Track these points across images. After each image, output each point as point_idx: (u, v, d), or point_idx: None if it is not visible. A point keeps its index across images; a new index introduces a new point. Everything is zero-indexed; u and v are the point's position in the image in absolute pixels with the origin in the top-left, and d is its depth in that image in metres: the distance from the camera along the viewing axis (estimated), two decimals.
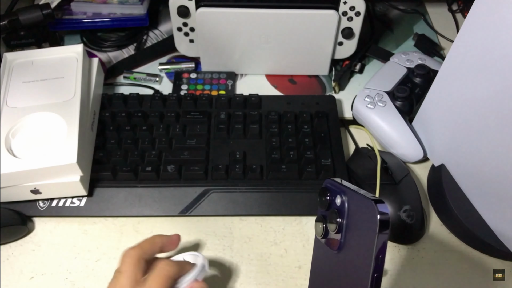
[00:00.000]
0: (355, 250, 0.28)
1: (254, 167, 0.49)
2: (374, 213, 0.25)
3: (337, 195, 0.29)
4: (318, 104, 0.56)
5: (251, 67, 0.61)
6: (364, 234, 0.27)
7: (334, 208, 0.30)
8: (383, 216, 0.25)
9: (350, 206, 0.28)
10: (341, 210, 0.29)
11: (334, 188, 0.30)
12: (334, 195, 0.30)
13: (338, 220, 0.29)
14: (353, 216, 0.28)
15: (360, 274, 0.27)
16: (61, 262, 0.45)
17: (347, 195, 0.29)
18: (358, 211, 0.28)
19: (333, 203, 0.30)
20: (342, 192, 0.29)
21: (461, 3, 0.72)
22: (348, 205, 0.28)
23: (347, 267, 0.29)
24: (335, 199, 0.30)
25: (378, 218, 0.25)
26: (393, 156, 0.52)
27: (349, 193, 0.28)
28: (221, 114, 0.53)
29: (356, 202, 0.28)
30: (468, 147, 0.45)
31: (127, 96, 0.55)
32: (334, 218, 0.29)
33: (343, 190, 0.29)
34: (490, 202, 0.44)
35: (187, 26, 0.57)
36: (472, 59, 0.41)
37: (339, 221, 0.29)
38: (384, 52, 0.64)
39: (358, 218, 0.28)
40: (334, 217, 0.29)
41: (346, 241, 0.29)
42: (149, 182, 0.49)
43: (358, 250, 0.27)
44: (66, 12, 0.64)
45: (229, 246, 0.46)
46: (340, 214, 0.29)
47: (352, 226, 0.28)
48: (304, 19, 0.54)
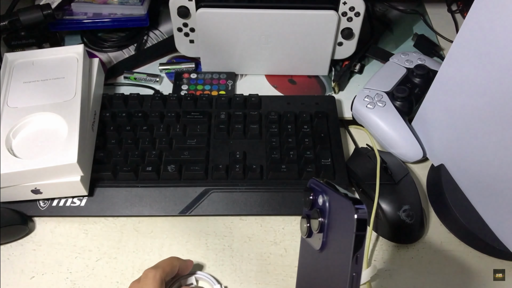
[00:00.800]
0: (336, 249, 0.29)
1: (254, 167, 0.49)
2: (351, 213, 0.26)
3: (319, 194, 0.30)
4: (318, 104, 0.56)
5: (251, 67, 0.61)
6: (343, 234, 0.27)
7: (316, 208, 0.30)
8: (360, 215, 0.25)
9: (331, 205, 0.29)
10: (323, 209, 0.30)
11: (317, 188, 0.31)
12: (316, 194, 0.31)
13: (320, 219, 0.30)
14: (333, 215, 0.29)
15: (340, 273, 0.28)
16: (61, 261, 0.45)
17: (328, 195, 0.29)
18: (338, 211, 0.28)
19: (316, 202, 0.31)
20: (323, 192, 0.30)
21: (460, 4, 0.72)
22: (329, 204, 0.29)
23: (329, 266, 0.30)
24: (317, 199, 0.30)
25: (355, 218, 0.25)
26: (393, 156, 0.52)
27: (329, 193, 0.29)
28: (221, 114, 0.53)
29: (336, 202, 0.29)
30: (468, 147, 0.45)
31: (128, 96, 0.55)
32: (316, 218, 0.30)
33: (325, 190, 0.30)
34: (489, 202, 0.44)
35: (187, 27, 0.57)
36: (471, 60, 0.41)
37: (321, 221, 0.30)
38: (383, 53, 0.64)
39: (338, 217, 0.28)
40: (316, 217, 0.30)
41: (328, 241, 0.29)
42: (150, 182, 0.49)
43: (338, 250, 0.28)
44: (66, 13, 0.64)
45: (229, 245, 0.46)
46: (322, 214, 0.30)
47: (333, 226, 0.29)
48: (304, 20, 0.54)
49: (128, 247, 0.46)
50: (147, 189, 0.48)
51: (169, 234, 0.47)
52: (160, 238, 0.47)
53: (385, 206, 0.46)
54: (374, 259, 0.46)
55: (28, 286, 0.43)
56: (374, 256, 0.46)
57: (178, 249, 0.46)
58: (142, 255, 0.45)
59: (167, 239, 0.47)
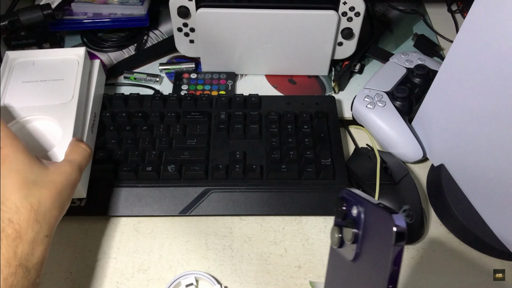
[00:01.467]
0: (371, 260, 0.28)
1: (254, 167, 0.49)
2: (390, 225, 0.25)
3: (353, 205, 0.30)
4: (318, 104, 0.56)
5: (251, 67, 0.61)
6: (380, 245, 0.27)
7: (350, 218, 0.30)
8: (399, 228, 0.25)
9: (366, 217, 0.29)
10: (357, 220, 0.29)
11: (351, 198, 0.30)
12: (350, 205, 0.30)
13: (354, 230, 0.29)
14: (369, 227, 0.28)
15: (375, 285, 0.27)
16: (61, 261, 0.45)
17: (363, 206, 0.29)
18: (374, 222, 0.28)
19: (349, 213, 0.30)
20: (358, 203, 0.29)
21: (460, 4, 0.72)
22: (365, 216, 0.29)
23: (362, 277, 0.29)
24: (351, 210, 0.30)
25: (394, 230, 0.25)
26: (393, 156, 0.52)
27: (365, 204, 0.29)
28: (221, 114, 0.53)
29: (372, 213, 0.28)
30: (468, 147, 0.45)
31: (128, 96, 0.55)
32: (350, 228, 0.29)
33: (360, 201, 0.29)
34: (489, 202, 0.44)
35: (187, 27, 0.57)
36: (471, 60, 0.41)
37: (355, 232, 0.29)
38: (383, 53, 0.64)
39: (374, 229, 0.28)
40: (350, 227, 0.29)
41: (362, 252, 0.29)
42: (150, 182, 0.49)
43: (374, 261, 0.28)
44: (66, 13, 0.64)
45: (229, 245, 0.46)
46: (356, 225, 0.29)
47: (368, 237, 0.28)
48: (304, 20, 0.54)
49: (128, 247, 0.46)
50: (147, 189, 0.48)
51: (169, 234, 0.47)
52: (160, 238, 0.47)
53: None
54: None
55: None
56: None
57: (178, 249, 0.46)
58: (142, 255, 0.45)
59: (167, 239, 0.47)
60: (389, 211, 0.26)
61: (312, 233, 0.48)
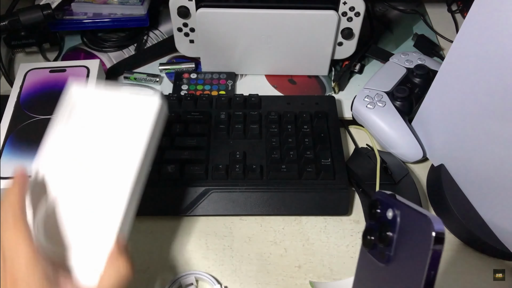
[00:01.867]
0: (405, 264, 0.28)
1: (254, 167, 0.49)
2: (429, 229, 0.25)
3: (389, 208, 0.29)
4: (318, 104, 0.56)
5: (251, 67, 0.61)
6: (417, 249, 0.26)
7: (385, 221, 0.29)
8: (438, 233, 0.25)
9: (402, 220, 0.28)
10: (392, 223, 0.29)
11: (386, 201, 0.30)
12: (385, 208, 0.30)
13: (389, 233, 0.29)
14: (405, 230, 0.28)
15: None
16: None
17: (399, 208, 0.28)
18: (411, 225, 0.27)
19: (383, 216, 0.30)
20: (394, 206, 0.29)
21: (460, 4, 0.72)
22: (401, 219, 0.28)
23: (396, 281, 0.28)
24: (386, 212, 0.29)
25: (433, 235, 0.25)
26: (393, 156, 0.52)
27: (401, 207, 0.28)
28: (221, 114, 0.53)
29: (409, 217, 0.28)
30: (468, 147, 0.45)
31: None
32: (385, 231, 0.29)
33: (396, 204, 0.29)
34: (489, 202, 0.44)
35: (187, 27, 0.57)
36: (471, 60, 0.41)
37: (390, 235, 0.29)
38: (383, 53, 0.64)
39: (410, 232, 0.27)
40: (385, 230, 0.29)
41: (396, 255, 0.28)
42: (150, 182, 0.48)
43: (409, 265, 0.27)
44: (66, 13, 0.64)
45: (229, 245, 0.46)
46: (391, 227, 0.29)
47: (404, 240, 0.28)
48: (304, 20, 0.54)
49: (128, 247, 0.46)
50: (147, 189, 0.48)
51: (169, 234, 0.47)
52: (160, 238, 0.47)
53: None
54: None
55: None
56: None
57: (178, 249, 0.46)
58: (142, 255, 0.45)
59: (167, 239, 0.47)
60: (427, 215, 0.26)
61: (312, 233, 0.48)
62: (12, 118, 0.50)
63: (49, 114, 0.50)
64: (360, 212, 0.49)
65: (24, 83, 0.53)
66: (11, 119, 0.50)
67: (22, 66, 0.56)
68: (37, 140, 0.47)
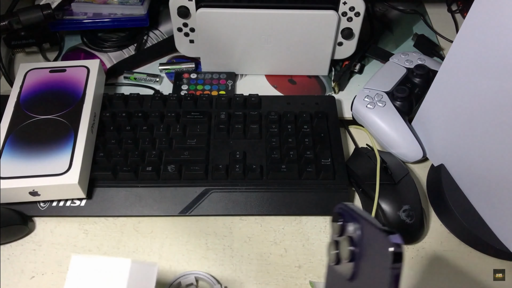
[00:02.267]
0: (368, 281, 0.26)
1: (254, 167, 0.49)
2: (386, 245, 0.24)
3: (350, 221, 0.28)
4: (317, 104, 0.56)
5: (251, 67, 0.61)
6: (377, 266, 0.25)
7: (347, 235, 0.28)
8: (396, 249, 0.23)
9: (363, 234, 0.27)
10: (354, 238, 0.27)
11: (347, 214, 0.28)
12: (347, 221, 0.28)
13: (351, 248, 0.27)
14: (366, 245, 0.26)
15: None
16: (61, 262, 0.45)
17: (359, 222, 0.27)
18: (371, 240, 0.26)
19: (346, 229, 0.28)
20: (355, 220, 0.27)
21: (460, 4, 0.72)
22: (361, 233, 0.27)
23: None
24: (347, 226, 0.28)
25: (391, 251, 0.23)
26: (393, 156, 0.52)
27: (362, 221, 0.27)
28: (221, 114, 0.53)
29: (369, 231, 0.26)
30: (468, 147, 0.45)
31: (128, 96, 0.55)
32: (347, 246, 0.27)
33: (356, 218, 0.27)
34: (489, 202, 0.44)
35: (187, 27, 0.57)
36: (471, 60, 0.41)
37: (352, 249, 0.27)
38: (383, 53, 0.64)
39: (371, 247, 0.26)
40: (347, 245, 0.27)
41: (359, 271, 0.27)
42: (150, 182, 0.49)
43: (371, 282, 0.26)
44: (66, 13, 0.64)
45: (229, 245, 0.46)
46: (353, 242, 0.27)
47: (365, 256, 0.27)
48: (304, 20, 0.54)
49: (128, 247, 0.46)
50: (147, 189, 0.48)
51: (169, 234, 0.47)
52: (160, 238, 0.47)
53: (385, 206, 0.46)
54: None
55: (28, 286, 0.43)
56: None
57: (178, 249, 0.46)
58: (142, 255, 0.45)
59: (167, 239, 0.47)
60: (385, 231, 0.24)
61: (312, 233, 0.48)
62: (12, 118, 0.50)
63: (49, 114, 0.50)
64: None
65: (24, 83, 0.53)
66: (11, 119, 0.50)
67: (22, 66, 0.55)
68: (37, 140, 0.47)
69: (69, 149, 0.47)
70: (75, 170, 0.45)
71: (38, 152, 0.46)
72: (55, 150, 0.47)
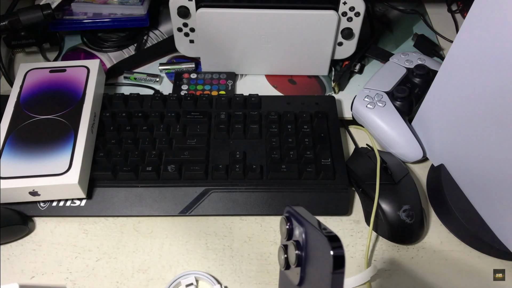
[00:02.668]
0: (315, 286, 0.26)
1: (254, 167, 0.49)
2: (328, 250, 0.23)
3: (296, 225, 0.27)
4: (318, 104, 0.56)
5: (251, 67, 0.61)
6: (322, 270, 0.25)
7: (293, 240, 0.27)
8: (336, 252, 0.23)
9: (308, 239, 0.26)
10: (300, 242, 0.27)
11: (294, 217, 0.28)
12: (293, 225, 0.28)
13: (297, 252, 0.27)
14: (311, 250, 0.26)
15: None
16: (61, 261, 0.45)
17: (304, 226, 0.26)
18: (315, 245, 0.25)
19: (293, 233, 0.28)
20: (300, 223, 0.27)
21: (460, 4, 0.72)
22: (306, 237, 0.26)
23: None
24: (294, 230, 0.28)
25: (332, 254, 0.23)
26: (393, 156, 0.52)
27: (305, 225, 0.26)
28: (221, 114, 0.53)
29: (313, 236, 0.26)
30: (468, 147, 0.45)
31: (128, 96, 0.55)
32: (293, 250, 0.27)
33: (300, 221, 0.27)
34: (489, 202, 0.44)
35: (187, 27, 0.57)
36: (471, 60, 0.41)
37: (299, 254, 0.27)
38: (383, 53, 0.64)
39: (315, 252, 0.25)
40: (293, 249, 0.27)
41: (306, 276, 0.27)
42: (150, 182, 0.49)
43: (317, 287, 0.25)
44: (66, 13, 0.64)
45: (229, 245, 0.46)
46: (299, 247, 0.27)
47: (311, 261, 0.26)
48: (304, 20, 0.54)
49: (128, 247, 0.46)
50: (147, 189, 0.48)
51: (169, 234, 0.47)
52: (160, 238, 0.47)
53: (385, 206, 0.46)
54: (374, 259, 0.46)
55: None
56: (374, 256, 0.46)
57: (178, 249, 0.46)
58: (142, 255, 0.45)
59: (167, 239, 0.47)
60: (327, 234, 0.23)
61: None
62: (12, 118, 0.50)
63: (49, 114, 0.50)
64: (360, 212, 0.49)
65: (24, 83, 0.53)
66: (11, 119, 0.50)
67: (22, 66, 0.55)
68: (37, 140, 0.47)
69: (69, 149, 0.47)
70: (75, 170, 0.45)
71: (38, 152, 0.46)
72: (55, 150, 0.47)
